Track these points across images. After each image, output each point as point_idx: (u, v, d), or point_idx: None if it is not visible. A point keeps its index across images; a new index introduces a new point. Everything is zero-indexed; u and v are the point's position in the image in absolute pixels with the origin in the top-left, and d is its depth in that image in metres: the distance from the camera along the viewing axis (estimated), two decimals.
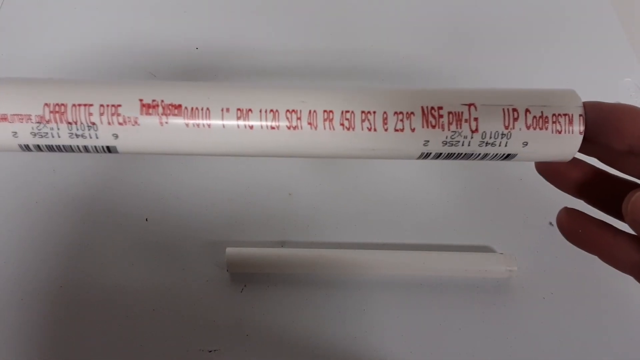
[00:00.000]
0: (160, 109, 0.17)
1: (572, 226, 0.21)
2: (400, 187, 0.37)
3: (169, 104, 0.17)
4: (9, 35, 0.44)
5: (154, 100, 0.17)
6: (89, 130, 0.17)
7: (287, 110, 0.18)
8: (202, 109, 0.18)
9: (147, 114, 0.17)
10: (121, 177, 0.37)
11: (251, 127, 0.18)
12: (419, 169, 0.38)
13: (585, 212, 0.21)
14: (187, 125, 0.18)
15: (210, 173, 0.37)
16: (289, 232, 0.35)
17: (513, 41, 0.45)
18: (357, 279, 0.34)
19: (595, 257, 0.21)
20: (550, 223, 0.36)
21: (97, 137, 0.17)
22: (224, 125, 0.18)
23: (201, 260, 0.34)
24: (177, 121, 0.18)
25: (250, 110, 0.18)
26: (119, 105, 0.17)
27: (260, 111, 0.18)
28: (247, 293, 0.33)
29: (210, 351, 0.31)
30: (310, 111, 0.18)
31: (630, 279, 0.20)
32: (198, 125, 0.18)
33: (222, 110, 0.18)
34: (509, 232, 0.36)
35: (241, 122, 0.18)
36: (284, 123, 0.18)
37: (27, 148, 0.18)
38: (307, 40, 0.45)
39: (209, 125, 0.18)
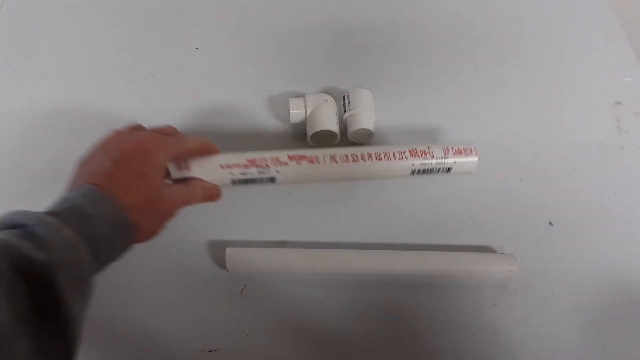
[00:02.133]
0: (297, 158, 0.34)
1: None
2: (400, 187, 0.37)
3: (300, 155, 0.34)
4: (9, 32, 0.44)
5: (295, 153, 0.34)
6: (267, 169, 0.33)
7: None
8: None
9: (291, 159, 0.33)
10: None
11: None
12: None
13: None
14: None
15: None
16: (289, 232, 0.35)
17: (513, 41, 0.45)
18: (357, 279, 0.34)
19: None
20: (551, 223, 0.36)
21: (269, 173, 0.33)
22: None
23: (201, 260, 0.34)
24: (307, 163, 0.34)
25: None
26: (279, 157, 0.33)
27: None
28: (247, 293, 0.33)
29: (210, 351, 0.31)
30: None
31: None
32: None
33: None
34: (509, 232, 0.36)
35: None
36: None
37: (234, 182, 0.33)
38: (306, 39, 0.45)
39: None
